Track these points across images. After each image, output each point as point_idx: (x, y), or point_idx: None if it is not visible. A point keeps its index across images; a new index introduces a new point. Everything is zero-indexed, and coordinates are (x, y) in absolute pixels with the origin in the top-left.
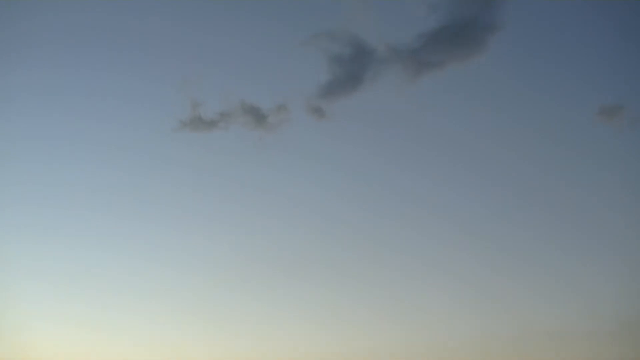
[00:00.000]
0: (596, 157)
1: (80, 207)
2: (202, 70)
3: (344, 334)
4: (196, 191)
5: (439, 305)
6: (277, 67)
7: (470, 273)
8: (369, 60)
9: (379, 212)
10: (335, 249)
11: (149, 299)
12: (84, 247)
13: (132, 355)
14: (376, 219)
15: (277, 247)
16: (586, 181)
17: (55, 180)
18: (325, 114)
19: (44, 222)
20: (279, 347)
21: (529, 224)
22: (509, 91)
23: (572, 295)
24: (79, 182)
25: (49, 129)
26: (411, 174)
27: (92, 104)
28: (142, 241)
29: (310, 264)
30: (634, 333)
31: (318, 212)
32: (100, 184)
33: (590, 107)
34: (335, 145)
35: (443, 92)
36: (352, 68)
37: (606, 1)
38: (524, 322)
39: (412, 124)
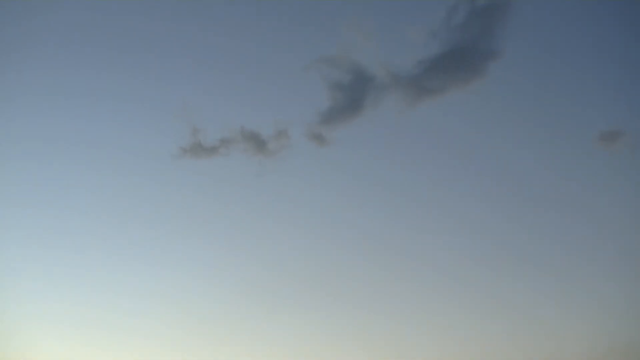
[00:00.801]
0: (596, 183)
1: (81, 237)
2: (202, 96)
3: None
4: (197, 217)
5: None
6: (277, 94)
7: (472, 299)
8: (369, 87)
9: (379, 236)
10: (334, 274)
11: (148, 323)
12: (87, 276)
13: None
14: (376, 244)
15: (277, 273)
16: (586, 206)
17: (56, 213)
18: (325, 140)
19: (42, 257)
20: None
21: (528, 248)
22: (508, 116)
23: (572, 318)
24: (81, 210)
25: (52, 155)
26: (412, 199)
27: (93, 132)
28: (142, 268)
29: (309, 288)
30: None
31: (318, 238)
32: (102, 212)
33: (590, 133)
34: (336, 171)
35: (443, 118)
36: (353, 94)
37: (605, 28)
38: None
39: (412, 149)
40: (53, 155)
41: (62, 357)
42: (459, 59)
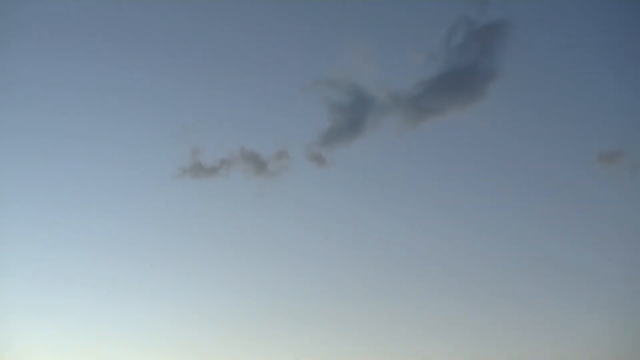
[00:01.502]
0: (596, 203)
1: (81, 256)
2: (202, 116)
3: None
4: (197, 238)
5: None
6: (277, 115)
7: (473, 322)
8: (369, 108)
9: (378, 259)
10: (335, 294)
11: (147, 345)
12: (85, 295)
13: None
14: (376, 266)
15: (276, 295)
16: (586, 227)
17: (54, 232)
18: (325, 161)
19: (41, 270)
20: None
21: (527, 270)
22: (508, 137)
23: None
24: (80, 230)
25: (51, 173)
26: (411, 221)
27: (92, 152)
28: (142, 288)
29: (310, 309)
30: None
31: (318, 260)
32: (101, 232)
33: (589, 153)
34: (336, 192)
35: (443, 138)
36: (353, 115)
37: (605, 49)
38: None
39: (412, 170)
40: (52, 174)
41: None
42: (458, 80)
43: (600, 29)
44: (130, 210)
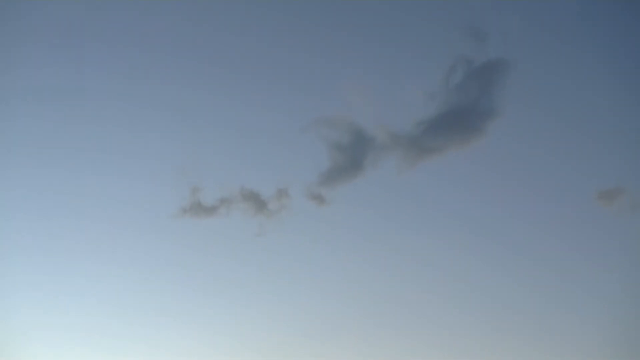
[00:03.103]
0: (596, 242)
1: (79, 297)
2: (201, 155)
3: None
4: (196, 277)
5: None
6: (277, 154)
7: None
8: (368, 147)
9: (379, 297)
10: (334, 333)
11: None
12: (83, 337)
13: None
14: (376, 302)
15: (276, 336)
16: (586, 267)
17: (51, 276)
18: (325, 200)
19: (38, 314)
20: None
21: (527, 310)
22: (508, 175)
23: None
24: (77, 271)
25: (47, 216)
26: (412, 258)
27: (90, 191)
28: (138, 329)
29: (309, 348)
30: None
31: (319, 298)
32: (98, 273)
33: (589, 192)
34: (336, 231)
35: (443, 177)
36: (352, 154)
37: (603, 87)
38: None
39: (412, 208)
40: (49, 214)
41: None
42: (458, 119)
43: (598, 67)
44: (129, 250)
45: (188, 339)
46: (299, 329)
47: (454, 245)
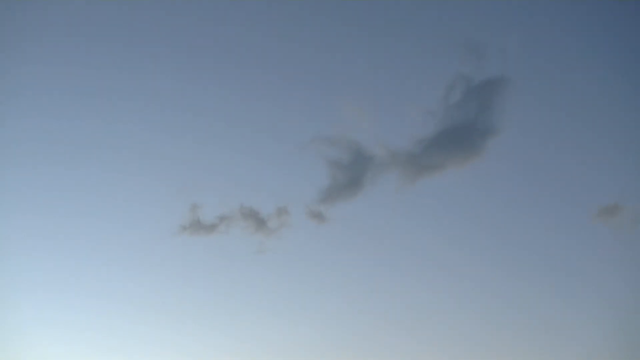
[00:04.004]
0: (596, 258)
1: (80, 313)
2: (201, 173)
3: None
4: (196, 295)
5: None
6: (276, 172)
7: None
8: (368, 165)
9: (379, 315)
10: (333, 353)
11: None
12: (85, 353)
13: None
14: (375, 321)
15: (275, 353)
16: (586, 284)
17: (53, 292)
18: (325, 218)
19: (40, 331)
20: None
21: (525, 327)
22: (507, 192)
23: None
24: (79, 287)
25: (49, 233)
26: (410, 277)
27: (91, 208)
28: (139, 344)
29: None
30: None
31: (318, 316)
32: (100, 290)
33: (588, 208)
34: (335, 249)
35: (442, 195)
36: (352, 172)
37: (602, 104)
38: None
39: (411, 226)
40: (51, 231)
41: None
42: (457, 137)
43: (597, 85)
44: (129, 267)
45: (188, 355)
46: (299, 345)
47: (453, 262)
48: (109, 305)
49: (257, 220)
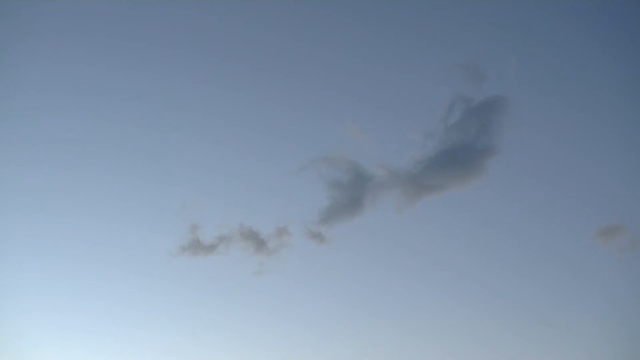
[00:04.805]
0: (596, 280)
1: (78, 336)
2: (201, 193)
3: None
4: (195, 315)
5: None
6: (276, 192)
7: None
8: (368, 185)
9: (380, 336)
10: None
11: None
12: None
13: None
14: (377, 344)
15: None
16: (585, 306)
17: (51, 316)
18: (325, 239)
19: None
20: None
21: (526, 348)
22: (507, 213)
23: None
24: (77, 310)
25: (48, 253)
26: (411, 297)
27: (90, 228)
28: None
29: None
30: None
31: (318, 338)
32: (98, 312)
33: (589, 229)
34: (335, 270)
35: (442, 215)
36: (352, 193)
37: (602, 123)
38: None
39: (411, 247)
40: (50, 252)
41: None
42: (456, 157)
43: (597, 104)
44: (128, 288)
45: None
46: None
47: (454, 282)
48: (108, 327)
49: (256, 240)
